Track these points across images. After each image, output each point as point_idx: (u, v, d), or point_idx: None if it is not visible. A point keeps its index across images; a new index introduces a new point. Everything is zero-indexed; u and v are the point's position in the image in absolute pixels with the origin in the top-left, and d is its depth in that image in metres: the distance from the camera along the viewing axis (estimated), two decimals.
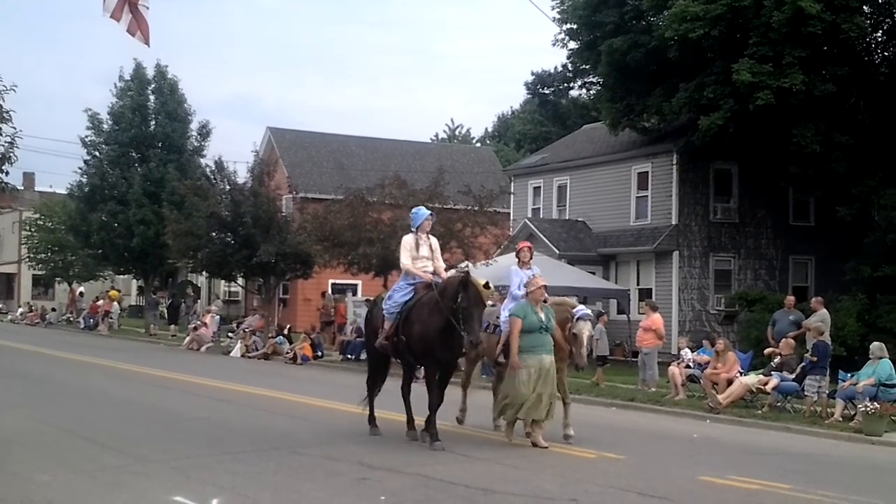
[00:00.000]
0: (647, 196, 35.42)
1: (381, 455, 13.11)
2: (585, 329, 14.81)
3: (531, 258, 15.77)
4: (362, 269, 32.35)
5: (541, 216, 39.44)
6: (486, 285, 14.23)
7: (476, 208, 30.80)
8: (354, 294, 42.19)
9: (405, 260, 14.52)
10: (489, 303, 15.15)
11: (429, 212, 15.33)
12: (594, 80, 38.85)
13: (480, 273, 29.45)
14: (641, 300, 31.57)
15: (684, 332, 31.73)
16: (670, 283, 34.11)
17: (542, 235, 36.02)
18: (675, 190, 34.27)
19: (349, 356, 32.40)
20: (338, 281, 43.53)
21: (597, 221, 37.07)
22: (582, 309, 15.39)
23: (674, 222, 34.16)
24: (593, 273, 35.79)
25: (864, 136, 29.75)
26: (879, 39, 32.73)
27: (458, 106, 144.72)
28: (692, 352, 23.75)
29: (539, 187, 40.60)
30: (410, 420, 14.81)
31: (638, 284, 35.24)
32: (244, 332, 36.55)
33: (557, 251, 35.17)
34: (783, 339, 21.39)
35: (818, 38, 28.17)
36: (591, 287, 33.56)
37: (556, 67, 69.48)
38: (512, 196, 40.16)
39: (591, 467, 12.61)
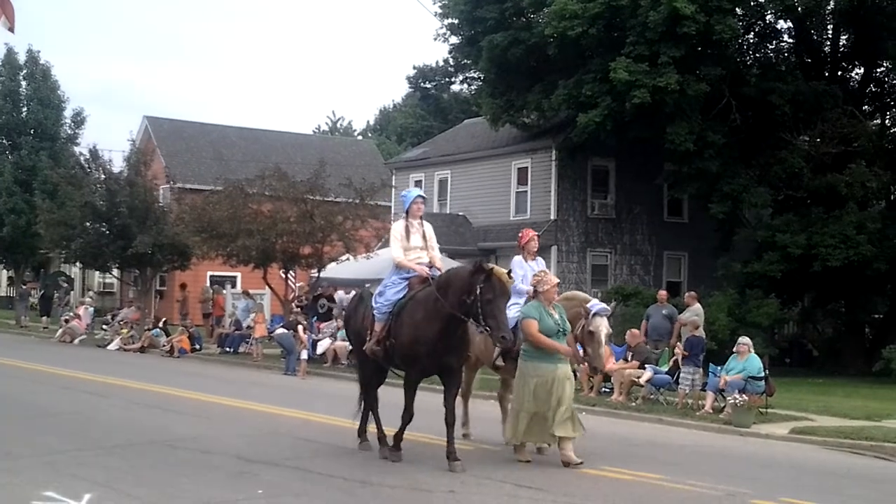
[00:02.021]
0: (526, 191, 35.73)
1: (258, 449, 13.05)
2: (603, 326, 12.97)
3: (537, 249, 14.30)
4: (241, 262, 32.01)
5: None
6: (510, 274, 12.63)
7: (357, 201, 30.66)
8: (234, 286, 41.74)
9: (396, 252, 12.97)
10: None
11: (418, 191, 13.61)
12: (475, 75, 39.08)
13: (362, 267, 29.81)
14: None
15: None
16: None
17: None
18: (553, 185, 34.62)
19: (227, 349, 32.12)
20: (217, 273, 43.05)
21: (477, 216, 37.26)
22: (597, 303, 13.46)
23: (552, 217, 34.54)
24: None
25: (736, 135, 30.55)
26: (751, 41, 33.76)
27: (339, 98, 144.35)
28: None
29: (420, 181, 40.59)
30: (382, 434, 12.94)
31: None
32: (119, 324, 35.85)
33: (438, 245, 35.14)
34: (629, 331, 22.00)
35: (693, 38, 28.79)
36: None
37: (437, 62, 70.28)
38: (393, 189, 40.06)
39: (468, 459, 12.67)
